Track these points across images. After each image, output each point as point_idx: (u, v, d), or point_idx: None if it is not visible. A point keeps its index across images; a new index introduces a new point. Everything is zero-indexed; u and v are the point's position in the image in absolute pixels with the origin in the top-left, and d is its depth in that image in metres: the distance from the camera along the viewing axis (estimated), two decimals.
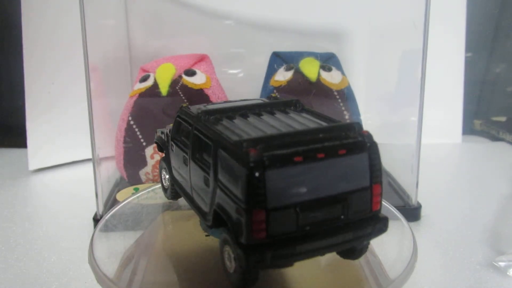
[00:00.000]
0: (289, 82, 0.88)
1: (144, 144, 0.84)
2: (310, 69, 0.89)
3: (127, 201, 0.68)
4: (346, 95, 0.88)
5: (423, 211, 0.80)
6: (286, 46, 0.98)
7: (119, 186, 0.88)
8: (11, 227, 0.79)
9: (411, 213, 0.79)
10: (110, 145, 0.87)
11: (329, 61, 0.92)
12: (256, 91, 0.95)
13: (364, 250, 0.49)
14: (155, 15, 1.05)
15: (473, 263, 0.65)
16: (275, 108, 0.54)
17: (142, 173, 0.85)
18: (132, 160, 0.85)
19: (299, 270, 0.43)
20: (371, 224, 0.45)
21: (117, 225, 0.64)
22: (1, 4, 1.17)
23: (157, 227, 0.67)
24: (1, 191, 0.95)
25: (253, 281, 0.43)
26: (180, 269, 0.55)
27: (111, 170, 0.88)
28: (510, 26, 1.28)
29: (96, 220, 0.76)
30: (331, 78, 0.88)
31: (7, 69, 1.21)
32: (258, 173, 0.39)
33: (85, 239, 0.62)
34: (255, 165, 0.39)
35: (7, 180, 1.01)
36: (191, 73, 0.87)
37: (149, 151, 0.83)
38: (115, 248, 0.59)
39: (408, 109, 0.80)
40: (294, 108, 0.54)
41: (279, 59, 0.94)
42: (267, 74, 0.96)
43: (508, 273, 0.62)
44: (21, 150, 1.12)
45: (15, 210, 0.86)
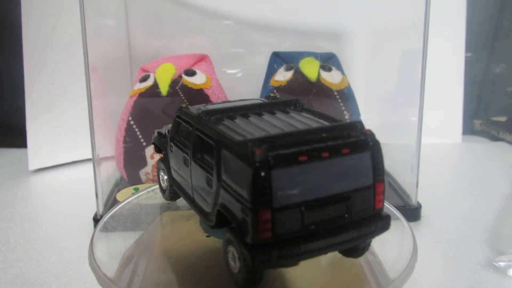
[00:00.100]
0: (289, 82, 0.88)
1: (144, 144, 0.84)
2: (310, 69, 0.89)
3: (127, 201, 0.68)
4: (346, 95, 0.88)
5: (423, 211, 0.80)
6: (286, 46, 0.98)
7: (119, 186, 0.88)
8: (11, 227, 0.79)
9: (411, 213, 0.79)
10: (110, 145, 0.87)
11: (329, 61, 0.92)
12: (256, 91, 0.95)
13: (366, 248, 0.49)
14: (155, 15, 1.05)
15: (473, 263, 0.65)
16: (275, 108, 0.54)
17: (142, 173, 0.85)
18: (132, 160, 0.85)
19: (299, 270, 0.43)
20: (374, 222, 0.45)
21: (117, 225, 0.64)
22: (1, 4, 1.17)
23: (157, 227, 0.67)
24: (1, 191, 0.95)
25: (258, 280, 0.43)
26: (180, 269, 0.55)
27: (111, 170, 0.88)
28: (510, 26, 1.28)
29: (96, 220, 0.76)
30: (331, 78, 0.88)
31: (7, 69, 1.21)
32: (264, 173, 0.39)
33: (85, 239, 0.62)
34: (260, 164, 0.39)
35: (7, 180, 1.02)
36: (191, 73, 0.87)
37: (149, 151, 0.83)
38: (115, 248, 0.59)
39: (408, 109, 0.80)
40: (294, 107, 0.54)
41: (279, 59, 0.94)
42: (267, 74, 0.96)
43: (508, 273, 0.62)
44: (21, 150, 1.12)
45: (15, 210, 0.86)
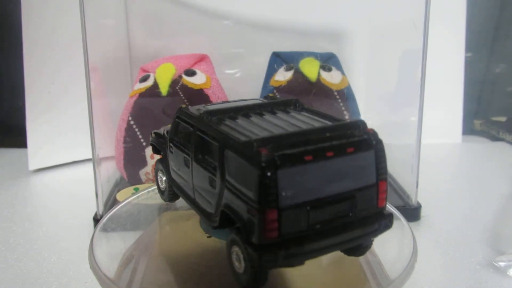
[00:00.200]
0: (289, 82, 0.88)
1: (144, 144, 0.84)
2: (310, 69, 0.89)
3: (127, 201, 0.68)
4: (346, 95, 0.88)
5: (423, 211, 0.80)
6: (286, 46, 0.98)
7: (119, 186, 0.88)
8: (11, 227, 0.79)
9: (411, 213, 0.79)
10: (110, 145, 0.87)
11: (329, 61, 0.92)
12: (256, 91, 0.95)
13: (368, 247, 0.50)
14: (155, 15, 1.05)
15: (473, 263, 0.65)
16: (275, 107, 0.54)
17: (142, 173, 0.85)
18: (132, 160, 0.85)
19: (299, 270, 0.43)
20: (378, 220, 0.45)
21: (117, 225, 0.64)
22: (1, 4, 1.17)
23: (157, 227, 0.67)
24: (1, 191, 0.95)
25: (263, 280, 0.43)
26: (180, 269, 0.55)
27: (111, 170, 0.88)
28: (510, 26, 1.28)
29: (96, 220, 0.76)
30: (331, 78, 0.88)
31: (7, 69, 1.21)
32: (270, 173, 0.39)
33: (85, 239, 0.62)
34: (266, 164, 0.39)
35: (7, 180, 1.02)
36: (191, 73, 0.87)
37: (149, 151, 0.83)
38: (115, 248, 0.59)
39: (408, 109, 0.80)
40: (294, 107, 0.54)
41: (279, 59, 0.94)
42: (267, 74, 0.96)
43: (508, 273, 0.62)
44: (21, 150, 1.12)
45: (15, 210, 0.86)
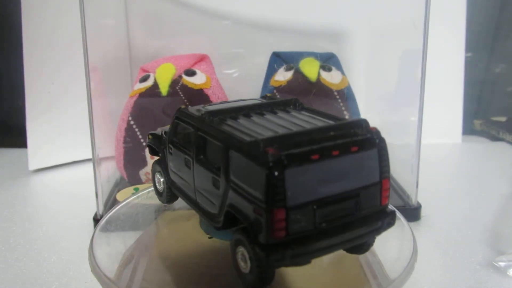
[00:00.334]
0: (289, 82, 0.88)
1: (144, 144, 0.84)
2: (310, 69, 0.89)
3: (127, 201, 0.68)
4: (346, 95, 0.88)
5: (423, 211, 0.80)
6: (286, 46, 0.98)
7: (119, 186, 0.88)
8: (11, 227, 0.79)
9: (411, 213, 0.79)
10: (110, 145, 0.87)
11: (329, 61, 0.92)
12: (256, 91, 0.95)
13: (371, 244, 0.50)
14: (155, 15, 1.05)
15: (473, 263, 0.65)
16: (275, 107, 0.54)
17: (142, 173, 0.85)
18: (132, 160, 0.85)
19: (299, 270, 0.43)
20: (381, 218, 0.46)
21: (117, 225, 0.64)
22: (1, 4, 1.17)
23: (157, 227, 0.67)
24: (1, 191, 0.95)
25: (269, 280, 0.44)
26: (180, 269, 0.55)
27: (111, 170, 0.88)
28: (510, 26, 1.28)
29: (96, 220, 0.76)
30: (331, 78, 0.88)
31: (7, 69, 1.21)
32: (277, 172, 0.39)
33: (85, 239, 0.62)
34: (274, 164, 0.39)
35: (7, 180, 1.02)
36: (191, 73, 0.87)
37: None
38: (115, 248, 0.59)
39: (408, 109, 0.80)
40: (293, 107, 0.54)
41: (279, 59, 0.94)
42: (267, 74, 0.96)
43: (508, 273, 0.62)
44: (21, 150, 1.12)
45: (15, 210, 0.86)
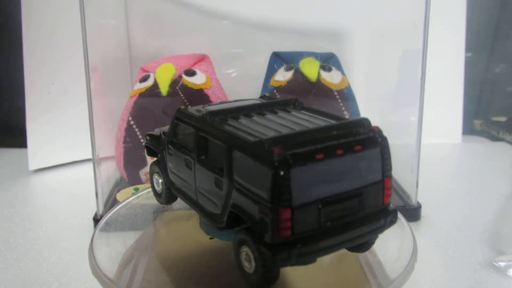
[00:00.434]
0: (289, 82, 0.88)
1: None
2: (310, 69, 0.89)
3: (127, 201, 0.68)
4: (346, 95, 0.88)
5: (423, 211, 0.80)
6: (286, 46, 0.98)
7: (119, 186, 0.88)
8: (11, 227, 0.79)
9: (411, 213, 0.79)
10: (110, 145, 0.87)
11: (329, 61, 0.92)
12: (256, 91, 0.95)
13: (372, 243, 0.50)
14: (155, 15, 1.05)
15: (473, 263, 0.65)
16: (276, 107, 0.54)
17: (142, 173, 0.85)
18: (132, 160, 0.85)
19: (299, 269, 0.43)
20: (383, 216, 0.46)
21: (117, 225, 0.64)
22: (1, 4, 1.17)
23: (157, 227, 0.67)
24: (1, 191, 0.95)
25: (274, 280, 0.44)
26: (180, 269, 0.55)
27: (111, 170, 0.88)
28: (510, 26, 1.28)
29: (96, 220, 0.76)
30: (331, 78, 0.88)
31: (7, 69, 1.21)
32: (283, 172, 0.39)
33: (85, 239, 0.62)
34: (279, 164, 0.39)
35: (7, 180, 1.02)
36: (191, 73, 0.87)
37: None
38: (115, 248, 0.59)
39: (408, 109, 0.80)
40: (293, 106, 0.54)
41: (279, 59, 0.94)
42: (267, 74, 0.96)
43: (508, 273, 0.62)
44: (21, 150, 1.12)
45: (15, 210, 0.86)
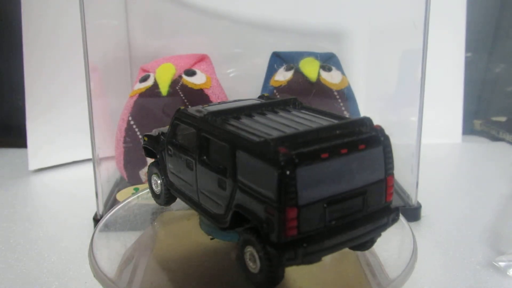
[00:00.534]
0: (289, 82, 0.88)
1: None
2: (310, 69, 0.89)
3: (127, 201, 0.68)
4: (346, 95, 0.88)
5: (423, 211, 0.80)
6: (286, 46, 0.98)
7: (119, 186, 0.88)
8: (11, 227, 0.79)
9: (411, 213, 0.79)
10: (110, 145, 0.87)
11: (329, 61, 0.92)
12: (256, 91, 0.95)
13: (374, 241, 0.50)
14: (155, 15, 1.05)
15: (473, 263, 0.65)
16: (275, 107, 0.54)
17: (142, 173, 0.85)
18: (132, 160, 0.85)
19: (299, 270, 0.43)
20: (386, 214, 0.46)
21: (117, 225, 0.64)
22: (1, 4, 1.17)
23: (157, 227, 0.67)
24: (1, 191, 0.95)
25: (279, 279, 0.44)
26: (180, 269, 0.55)
27: (111, 170, 0.88)
28: (510, 26, 1.28)
29: (96, 220, 0.76)
30: (331, 78, 0.88)
31: (7, 69, 1.21)
32: (289, 171, 0.40)
33: (85, 239, 0.62)
34: (285, 163, 0.40)
35: (7, 180, 1.02)
36: (191, 73, 0.87)
37: None
38: (115, 248, 0.59)
39: (408, 109, 0.80)
40: (293, 106, 0.55)
41: (279, 59, 0.94)
42: (267, 74, 0.96)
43: (508, 273, 0.62)
44: (21, 150, 1.12)
45: (15, 210, 0.86)
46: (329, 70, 0.90)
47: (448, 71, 1.19)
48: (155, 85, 0.84)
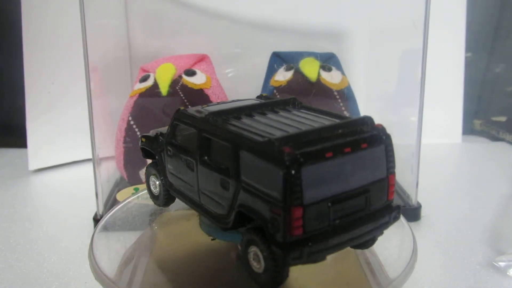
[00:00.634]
0: (289, 82, 0.88)
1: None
2: (310, 69, 0.89)
3: (127, 201, 0.68)
4: (346, 95, 0.88)
5: (423, 211, 0.80)
6: (286, 46, 0.98)
7: (119, 186, 0.88)
8: (11, 227, 0.79)
9: (411, 213, 0.79)
10: (110, 145, 0.87)
11: (329, 61, 0.92)
12: (256, 91, 0.95)
13: (376, 239, 0.50)
14: (155, 15, 1.05)
15: (473, 263, 0.65)
16: (275, 106, 0.54)
17: (142, 173, 0.85)
18: (132, 160, 0.85)
19: (300, 269, 0.43)
20: (388, 213, 0.47)
21: (117, 225, 0.64)
22: (1, 4, 1.17)
23: (157, 227, 0.67)
24: (1, 191, 0.95)
25: (284, 279, 0.44)
26: (179, 269, 0.55)
27: (111, 170, 0.88)
28: (510, 26, 1.28)
29: (96, 220, 0.76)
30: (331, 78, 0.88)
31: (7, 69, 1.21)
32: (294, 171, 0.40)
33: (85, 239, 0.62)
34: (290, 163, 0.40)
35: (7, 180, 1.02)
36: (191, 73, 0.87)
37: None
38: (115, 248, 0.59)
39: (408, 109, 0.80)
40: (293, 105, 0.55)
41: (279, 59, 0.94)
42: (267, 74, 0.96)
43: (508, 273, 0.62)
44: (21, 150, 1.12)
45: (15, 210, 0.86)
46: (329, 70, 0.90)
47: (448, 71, 1.19)
48: (155, 85, 0.84)
